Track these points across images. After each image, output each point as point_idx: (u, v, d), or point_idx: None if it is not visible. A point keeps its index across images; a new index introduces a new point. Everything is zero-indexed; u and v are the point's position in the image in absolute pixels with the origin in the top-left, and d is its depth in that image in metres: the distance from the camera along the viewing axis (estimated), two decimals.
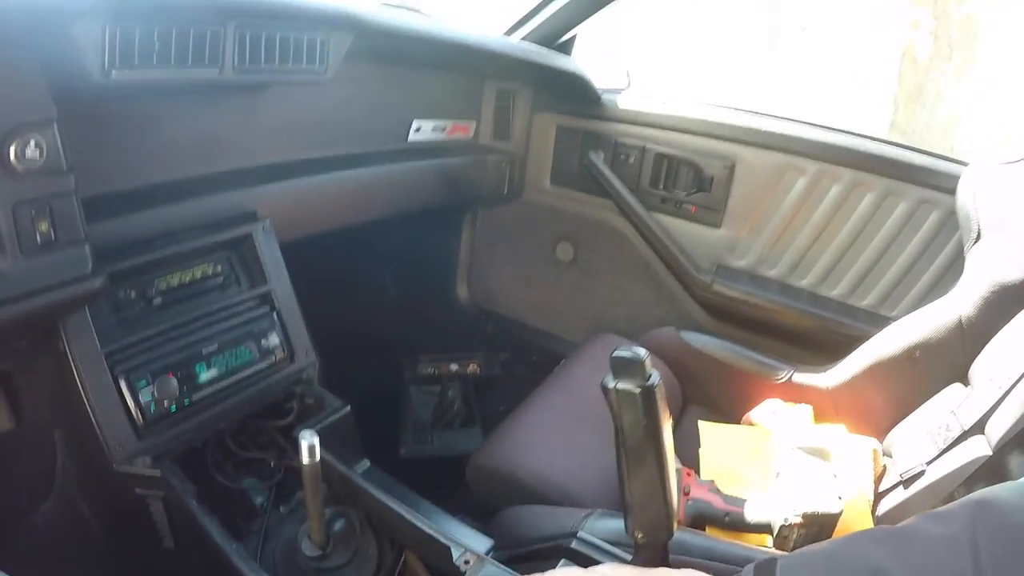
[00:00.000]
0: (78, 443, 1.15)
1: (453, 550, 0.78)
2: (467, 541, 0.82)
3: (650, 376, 0.58)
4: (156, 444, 0.98)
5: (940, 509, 0.55)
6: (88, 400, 0.93)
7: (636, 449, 0.59)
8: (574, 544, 0.86)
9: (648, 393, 0.57)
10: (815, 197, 1.57)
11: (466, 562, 0.77)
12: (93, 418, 0.94)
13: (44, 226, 0.82)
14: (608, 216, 1.83)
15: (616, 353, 0.57)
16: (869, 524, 1.16)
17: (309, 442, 0.78)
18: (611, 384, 0.58)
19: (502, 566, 0.73)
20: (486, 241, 2.09)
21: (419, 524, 0.83)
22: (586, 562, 0.73)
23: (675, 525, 0.64)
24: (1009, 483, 0.57)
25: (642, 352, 0.57)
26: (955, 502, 0.55)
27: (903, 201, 1.49)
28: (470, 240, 2.08)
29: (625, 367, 0.57)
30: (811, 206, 1.58)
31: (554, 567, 0.72)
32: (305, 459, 0.79)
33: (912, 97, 7.21)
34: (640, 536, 0.63)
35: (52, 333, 0.93)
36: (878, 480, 1.24)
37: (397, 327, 2.07)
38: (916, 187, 1.47)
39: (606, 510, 0.97)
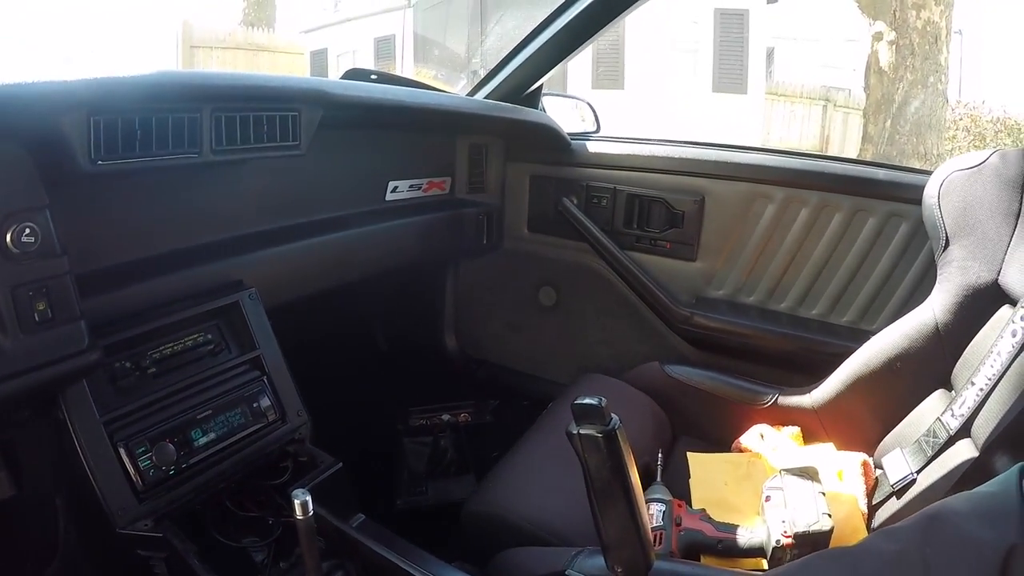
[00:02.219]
0: (80, 508, 1.18)
1: None
2: None
3: (610, 420, 0.61)
4: (156, 507, 1.01)
5: (893, 526, 0.58)
6: (89, 467, 0.97)
7: (604, 489, 0.63)
8: None
9: (610, 436, 0.61)
10: (785, 222, 1.61)
11: None
12: (95, 484, 0.97)
13: (41, 306, 0.87)
14: (586, 258, 1.87)
15: (576, 401, 0.62)
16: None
17: (301, 500, 0.82)
18: (575, 430, 0.62)
19: None
20: (470, 291, 2.11)
21: (416, 574, 0.86)
22: None
23: (652, 556, 0.67)
24: (964, 493, 0.58)
25: (600, 400, 0.61)
26: (908, 518, 0.57)
27: (872, 216, 1.52)
28: (454, 291, 2.11)
29: (586, 414, 0.62)
30: (782, 231, 1.62)
31: None
32: (299, 515, 0.82)
33: (879, 107, 7.37)
34: (619, 571, 0.66)
35: (51, 404, 0.97)
36: (871, 493, 1.25)
37: (388, 380, 2.09)
38: (883, 202, 1.51)
39: (595, 548, 0.99)
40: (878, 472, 1.28)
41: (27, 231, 0.84)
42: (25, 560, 1.21)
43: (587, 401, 0.60)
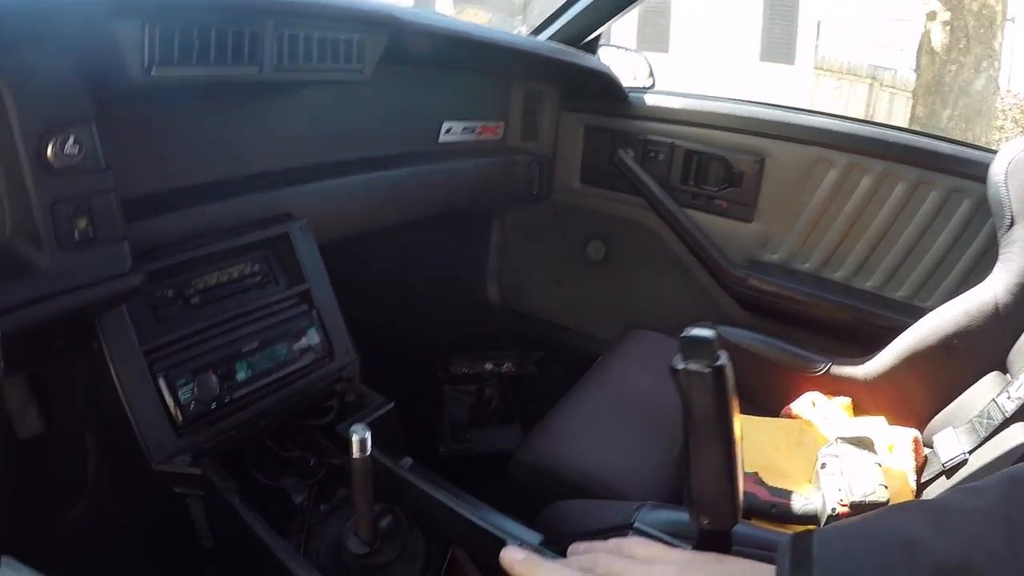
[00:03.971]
0: (112, 445, 1.14)
1: (508, 543, 0.75)
2: (519, 535, 0.80)
3: (719, 356, 0.56)
4: (195, 443, 0.96)
5: (973, 484, 0.55)
6: (126, 399, 0.92)
7: (705, 432, 0.57)
8: (631, 535, 0.85)
9: (718, 373, 0.56)
10: (846, 189, 1.57)
11: None
12: (131, 417, 0.92)
13: (83, 223, 0.82)
14: (639, 214, 1.83)
15: (685, 333, 0.56)
16: None
17: (361, 436, 0.77)
18: (680, 365, 0.56)
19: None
20: (516, 242, 2.08)
21: (471, 517, 0.81)
22: None
23: (740, 512, 0.62)
24: None
25: (711, 331, 0.55)
26: (989, 477, 0.55)
27: (934, 190, 1.48)
28: (500, 242, 2.08)
29: (694, 347, 0.56)
30: (842, 198, 1.57)
31: None
32: (356, 453, 0.78)
33: (929, 89, 7.17)
34: (705, 522, 0.61)
35: (87, 333, 0.92)
36: (919, 471, 1.23)
37: (428, 330, 2.06)
38: (947, 176, 1.46)
39: (656, 503, 0.95)
40: (927, 451, 1.26)
41: (71, 141, 0.79)
42: (52, 499, 1.19)
43: (698, 333, 0.55)
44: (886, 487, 1.09)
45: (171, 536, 1.07)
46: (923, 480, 1.21)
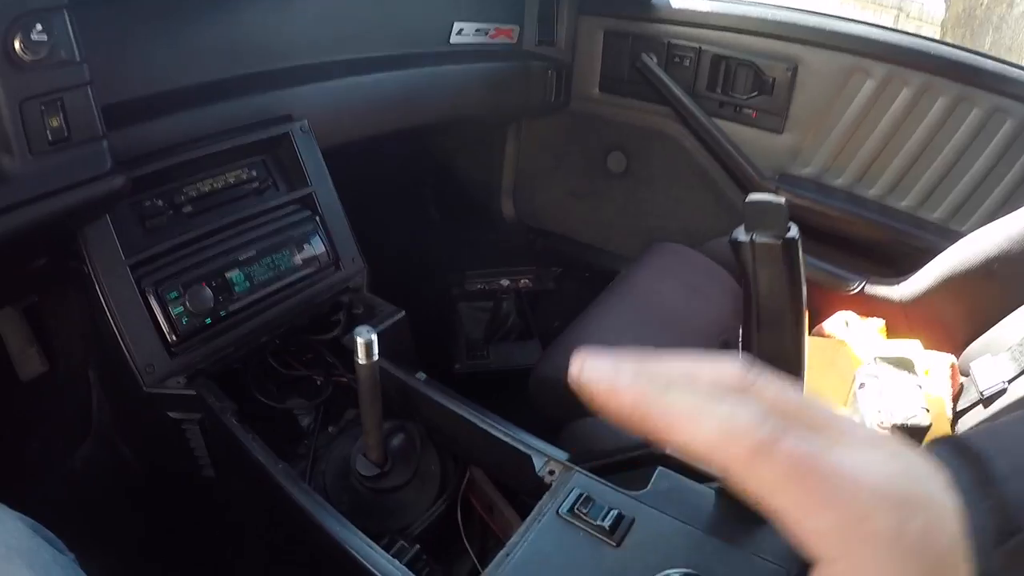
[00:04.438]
0: (111, 375, 1.10)
1: (535, 459, 0.69)
2: (544, 452, 0.73)
3: (790, 227, 0.48)
4: (190, 362, 0.90)
5: None
6: (114, 318, 0.86)
7: (773, 315, 0.49)
8: (668, 450, 0.77)
9: (790, 247, 0.47)
10: (883, 102, 1.47)
11: (551, 472, 0.67)
12: (119, 337, 0.86)
13: (55, 122, 0.74)
14: (662, 123, 1.74)
15: (752, 198, 0.47)
16: None
17: (366, 339, 0.69)
18: (745, 237, 0.48)
19: (593, 475, 0.64)
20: (532, 155, 2.00)
21: (495, 433, 0.74)
22: (684, 470, 0.64)
23: None
24: None
25: (780, 198, 0.47)
26: None
27: (976, 107, 1.38)
28: (515, 154, 2.01)
29: (763, 215, 0.47)
30: (879, 111, 1.48)
31: (646, 476, 0.62)
32: (362, 358, 0.70)
33: (959, 21, 6.92)
34: None
35: (72, 250, 0.86)
36: (955, 398, 1.17)
37: (439, 247, 2.01)
38: (989, 94, 1.37)
39: None
40: (962, 379, 1.20)
41: (38, 29, 0.70)
42: (59, 439, 1.17)
43: (766, 199, 0.46)
44: (928, 411, 1.04)
45: (173, 469, 1.02)
46: (959, 408, 1.15)
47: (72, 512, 1.16)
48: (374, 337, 0.69)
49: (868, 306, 1.37)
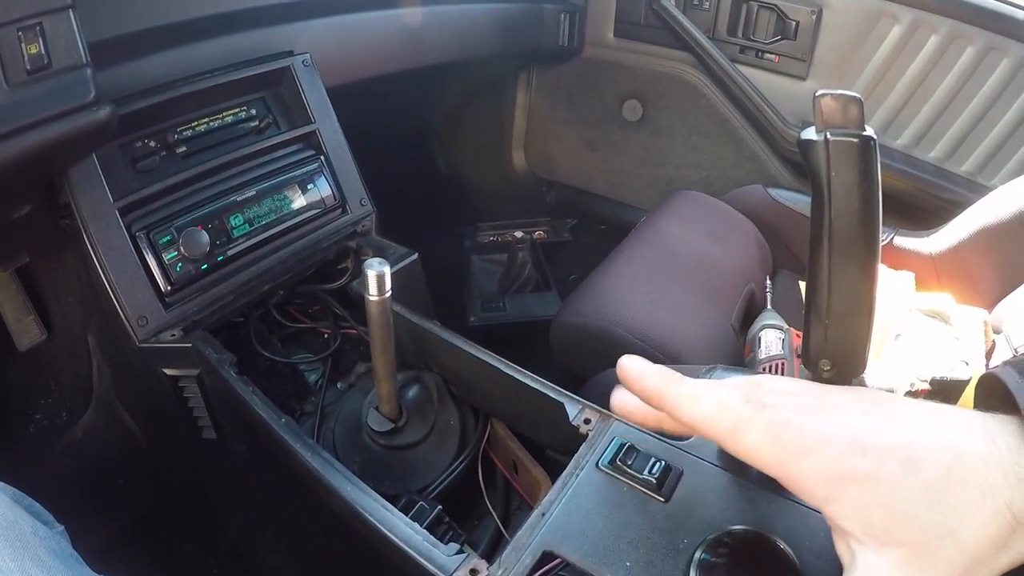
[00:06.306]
0: (110, 340, 1.05)
1: (568, 407, 0.62)
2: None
3: (866, 127, 0.41)
4: (186, 313, 0.84)
5: None
6: (102, 266, 0.80)
7: (847, 231, 0.43)
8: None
9: (868, 147, 0.41)
10: (911, 48, 1.41)
11: (586, 421, 0.61)
12: (109, 287, 0.80)
13: (34, 48, 0.67)
14: (680, 69, 1.69)
15: (823, 92, 0.41)
16: None
17: (378, 271, 0.62)
18: (817, 136, 0.41)
19: (633, 424, 0.58)
20: (543, 104, 1.95)
21: (522, 379, 0.67)
22: None
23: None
24: None
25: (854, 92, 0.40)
26: None
27: (1006, 58, 1.33)
28: (526, 104, 1.97)
29: (837, 109, 0.41)
30: (906, 58, 1.43)
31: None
32: (373, 293, 0.63)
33: None
34: (827, 369, 0.47)
35: (63, 204, 0.80)
36: (988, 355, 1.11)
37: (449, 199, 1.98)
38: (1020, 44, 1.32)
39: (727, 366, 0.82)
40: (994, 336, 1.13)
41: None
42: (60, 409, 1.14)
43: (840, 92, 0.40)
44: (967, 364, 0.99)
45: (174, 432, 0.97)
46: (992, 365, 1.10)
47: (74, 483, 1.11)
48: (387, 269, 0.62)
49: (897, 258, 1.32)
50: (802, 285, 1.26)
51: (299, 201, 0.92)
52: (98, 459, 1.16)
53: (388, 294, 0.63)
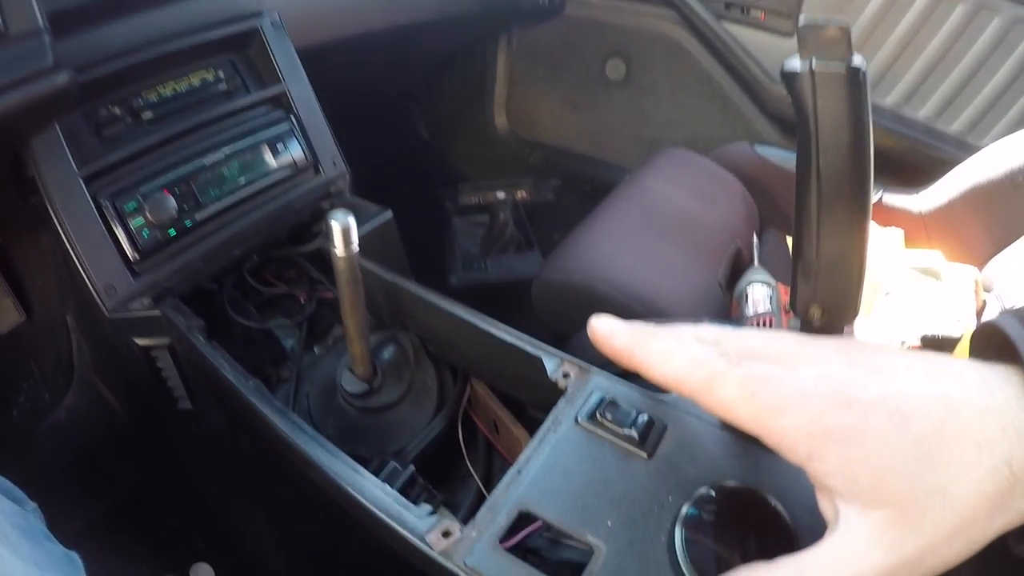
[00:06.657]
0: (87, 316, 1.02)
1: (546, 360, 0.59)
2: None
3: (854, 56, 0.39)
4: (155, 281, 0.82)
5: None
6: (67, 236, 0.78)
7: (836, 171, 0.40)
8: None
9: (858, 77, 0.38)
10: (900, 5, 1.40)
11: (565, 375, 0.58)
12: (75, 258, 0.78)
13: None
14: (664, 27, 1.67)
15: (807, 22, 0.38)
16: None
17: (342, 222, 0.59)
18: (802, 66, 0.39)
19: (614, 375, 0.56)
20: (525, 64, 1.94)
21: (499, 334, 0.65)
22: None
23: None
24: None
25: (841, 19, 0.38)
26: None
27: (997, 16, 1.31)
28: (507, 64, 1.95)
29: (822, 38, 0.39)
30: (895, 15, 1.41)
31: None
32: (339, 248, 0.61)
33: None
34: (818, 315, 0.46)
35: (29, 178, 0.78)
36: (979, 314, 1.11)
37: (430, 161, 1.96)
38: (1011, 3, 1.30)
39: (715, 319, 0.81)
40: (985, 294, 1.15)
41: None
42: (43, 390, 1.14)
43: (826, 20, 0.37)
44: (959, 321, 0.99)
45: (151, 405, 0.95)
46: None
47: (58, 465, 1.10)
48: (351, 219, 0.60)
49: (886, 216, 1.32)
50: (790, 241, 1.24)
51: (270, 163, 0.90)
52: (81, 438, 1.15)
53: (354, 245, 0.61)
